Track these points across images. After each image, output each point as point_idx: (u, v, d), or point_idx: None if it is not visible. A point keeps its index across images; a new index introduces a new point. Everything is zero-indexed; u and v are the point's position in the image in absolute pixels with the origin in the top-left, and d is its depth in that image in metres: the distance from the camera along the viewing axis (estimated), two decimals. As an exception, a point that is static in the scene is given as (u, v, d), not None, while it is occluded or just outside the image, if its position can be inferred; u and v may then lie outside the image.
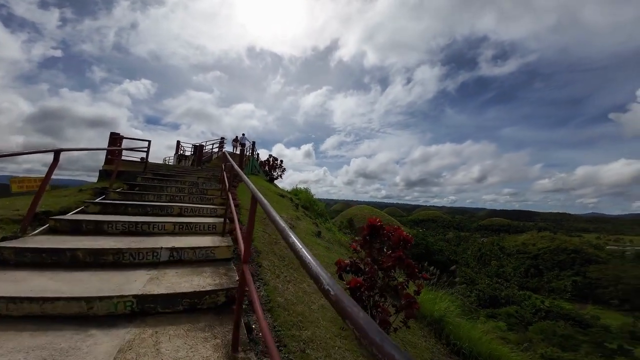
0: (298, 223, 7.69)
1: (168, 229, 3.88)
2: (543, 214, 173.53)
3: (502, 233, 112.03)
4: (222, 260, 3.37)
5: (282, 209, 8.30)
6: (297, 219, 7.99)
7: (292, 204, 9.88)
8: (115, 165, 5.79)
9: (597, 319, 48.00)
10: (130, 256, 3.02)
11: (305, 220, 8.62)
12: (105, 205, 4.36)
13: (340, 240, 9.28)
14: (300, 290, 3.84)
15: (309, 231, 7.74)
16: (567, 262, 75.57)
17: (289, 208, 8.93)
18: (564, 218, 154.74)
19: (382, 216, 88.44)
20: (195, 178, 7.24)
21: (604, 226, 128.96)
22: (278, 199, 9.16)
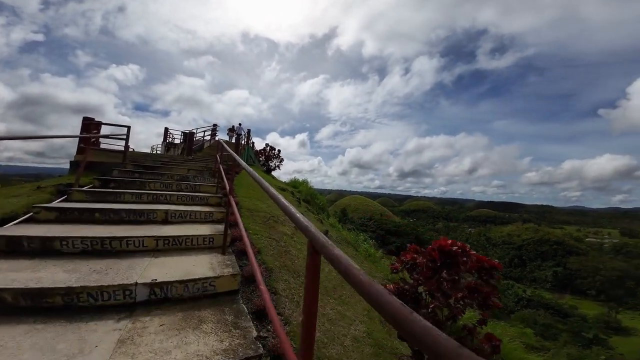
0: None
1: (149, 245, 2.88)
2: (528, 206, 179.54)
3: (488, 224, 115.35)
4: (225, 294, 2.43)
5: None
6: (302, 216, 7.08)
7: (294, 198, 8.93)
8: (83, 156, 4.61)
9: (575, 308, 50.40)
10: (89, 297, 2.04)
11: (309, 217, 7.73)
12: (63, 210, 3.27)
13: (346, 238, 8.48)
14: (325, 318, 3.04)
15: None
16: (549, 253, 78.65)
17: (292, 203, 7.97)
18: (548, 210, 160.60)
19: (375, 206, 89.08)
20: (185, 170, 6.15)
21: (584, 219, 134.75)
22: (279, 194, 8.18)
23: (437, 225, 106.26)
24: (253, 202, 5.85)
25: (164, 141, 14.57)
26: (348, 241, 8.30)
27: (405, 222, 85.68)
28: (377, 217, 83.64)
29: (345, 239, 8.29)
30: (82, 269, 2.35)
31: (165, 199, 4.30)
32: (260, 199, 6.37)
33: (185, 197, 4.40)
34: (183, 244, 3.01)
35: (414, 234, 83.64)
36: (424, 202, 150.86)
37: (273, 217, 5.53)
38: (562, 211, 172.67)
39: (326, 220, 9.42)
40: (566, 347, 31.83)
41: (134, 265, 2.50)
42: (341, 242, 7.57)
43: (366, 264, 7.12)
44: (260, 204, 5.90)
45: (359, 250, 8.13)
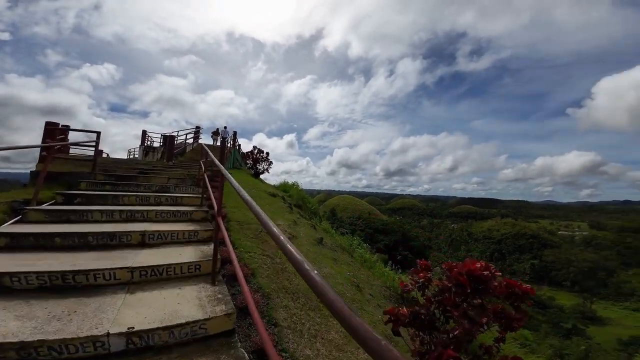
0: (297, 230, 6.42)
1: (122, 278, 2.41)
2: (505, 201, 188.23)
3: (470, 219, 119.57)
4: (219, 336, 2.04)
5: (277, 212, 6.96)
6: (295, 223, 6.72)
7: (285, 204, 8.52)
8: (44, 165, 3.97)
9: (553, 299, 53.18)
10: (51, 351, 1.60)
11: (302, 224, 7.37)
12: (15, 236, 2.71)
13: (342, 244, 8.19)
14: (335, 349, 2.75)
15: (311, 239, 6.54)
16: (526, 246, 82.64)
17: (284, 210, 7.59)
18: (523, 205, 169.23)
19: (363, 205, 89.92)
20: (165, 179, 5.59)
21: (556, 213, 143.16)
22: (270, 200, 7.75)
23: (422, 222, 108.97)
24: (243, 213, 5.41)
25: (142, 145, 13.63)
26: (343, 247, 8.02)
27: (392, 220, 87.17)
28: (365, 216, 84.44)
29: (340, 245, 8.00)
30: (38, 314, 1.88)
31: (142, 216, 3.78)
32: (250, 208, 5.95)
33: (166, 213, 3.90)
34: (164, 274, 2.57)
35: (401, 232, 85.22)
36: (409, 200, 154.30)
37: (265, 228, 5.14)
38: (536, 206, 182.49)
39: (319, 226, 9.09)
40: (548, 338, 33.46)
41: (104, 306, 2.05)
42: (336, 249, 7.27)
43: (363, 270, 6.86)
44: (250, 215, 5.47)
45: (354, 256, 7.86)
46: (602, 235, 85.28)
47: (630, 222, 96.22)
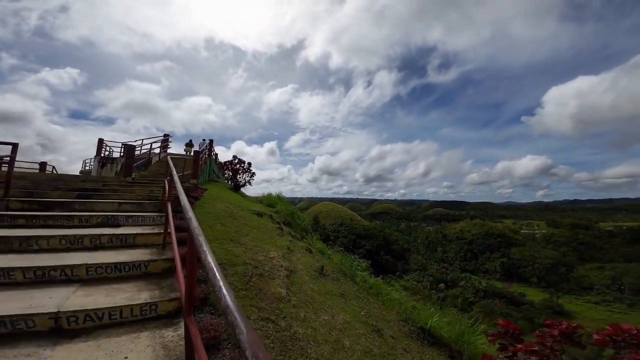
0: (293, 260, 5.17)
1: None
2: (472, 203, 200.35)
3: (443, 221, 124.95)
4: None
5: (267, 236, 5.65)
6: (289, 251, 5.46)
7: (274, 224, 7.20)
8: None
9: (523, 295, 56.30)
10: None
11: (297, 248, 6.13)
12: None
13: (342, 269, 7.04)
14: None
15: (310, 269, 5.34)
16: (495, 245, 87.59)
17: (273, 233, 6.28)
18: (488, 207, 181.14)
19: (345, 211, 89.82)
20: (115, 205, 4.07)
21: (517, 213, 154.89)
22: (257, 222, 6.40)
23: (401, 226, 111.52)
24: (225, 246, 4.07)
25: (98, 155, 11.47)
26: (344, 272, 6.88)
27: (373, 226, 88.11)
28: (347, 223, 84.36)
29: (340, 270, 6.86)
30: None
31: (65, 274, 2.35)
32: (235, 235, 4.59)
33: (105, 267, 2.49)
34: None
35: (382, 236, 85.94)
36: (387, 204, 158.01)
37: (256, 267, 3.85)
38: (499, 207, 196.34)
39: (313, 245, 7.87)
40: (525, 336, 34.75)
41: None
42: (339, 277, 6.12)
43: (372, 301, 5.77)
44: (235, 248, 4.14)
45: (357, 281, 6.76)
46: (558, 233, 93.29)
47: (580, 220, 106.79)
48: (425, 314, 5.48)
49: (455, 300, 49.47)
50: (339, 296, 4.88)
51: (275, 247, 5.12)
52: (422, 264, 79.13)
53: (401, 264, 78.50)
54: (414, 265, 78.04)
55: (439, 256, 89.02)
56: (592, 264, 70.81)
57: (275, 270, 4.12)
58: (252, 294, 3.16)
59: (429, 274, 67.48)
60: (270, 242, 5.30)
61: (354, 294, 5.61)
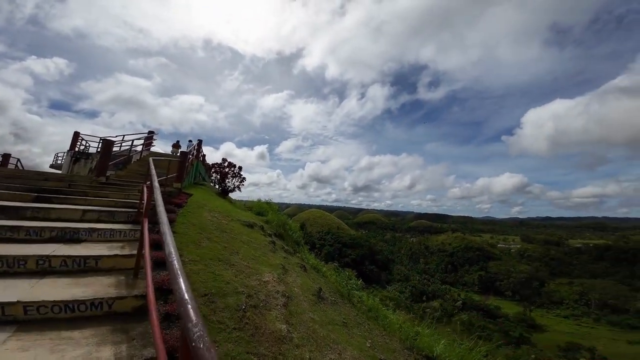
0: (289, 282, 4.57)
1: None
2: (453, 216, 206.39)
3: (426, 233, 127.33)
4: None
5: (259, 253, 5.01)
6: (284, 270, 4.85)
7: (265, 237, 6.55)
8: None
9: (499, 308, 57.74)
10: None
11: (291, 266, 5.51)
12: None
13: (337, 288, 6.47)
14: None
15: (308, 293, 4.77)
16: (474, 258, 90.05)
17: (266, 248, 5.63)
18: (468, 220, 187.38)
19: (332, 219, 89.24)
20: (79, 214, 3.32)
21: (494, 227, 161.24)
22: (247, 235, 5.73)
23: (386, 237, 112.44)
24: (213, 269, 3.42)
25: (71, 150, 10.28)
26: (340, 292, 6.34)
27: (359, 235, 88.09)
28: (334, 231, 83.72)
29: (337, 291, 6.31)
30: None
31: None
32: (224, 253, 3.93)
33: (53, 306, 1.82)
34: None
35: (367, 246, 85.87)
36: (373, 214, 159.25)
37: (250, 296, 3.23)
38: (478, 221, 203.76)
39: (307, 261, 7.26)
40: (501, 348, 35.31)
41: None
42: (337, 300, 5.57)
43: (372, 326, 5.28)
44: (225, 271, 3.50)
45: (354, 302, 6.24)
46: (531, 248, 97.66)
47: (552, 236, 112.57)
48: (429, 339, 5.13)
49: (436, 312, 49.92)
50: (341, 326, 4.33)
51: (269, 267, 4.50)
52: (405, 274, 79.74)
53: (385, 274, 78.65)
54: (397, 276, 78.44)
55: (421, 267, 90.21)
56: (562, 279, 74.30)
57: (272, 299, 3.51)
58: (247, 335, 2.54)
59: (411, 285, 68.00)
60: (263, 261, 4.68)
61: (354, 320, 5.08)
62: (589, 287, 66.96)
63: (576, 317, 59.56)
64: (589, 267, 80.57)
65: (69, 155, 10.36)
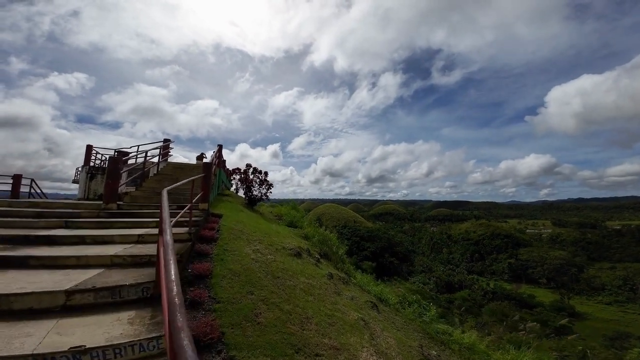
0: (383, 346, 3.34)
1: None
2: (476, 203, 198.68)
3: (447, 222, 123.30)
4: None
5: (327, 302, 3.83)
6: (366, 325, 3.67)
7: (319, 268, 5.36)
8: None
9: (533, 297, 54.68)
10: None
11: (366, 310, 4.30)
12: None
13: (427, 331, 5.13)
14: None
15: (409, 355, 3.54)
16: (502, 246, 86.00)
17: (329, 289, 4.42)
18: (492, 206, 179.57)
19: (347, 213, 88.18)
20: (60, 300, 2.20)
21: (521, 212, 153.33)
22: (302, 271, 4.54)
23: (405, 227, 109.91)
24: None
25: (86, 165, 9.61)
26: (432, 336, 5.04)
27: (377, 227, 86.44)
28: (350, 225, 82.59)
29: (426, 333, 5.02)
30: None
31: None
32: (292, 329, 2.73)
33: None
34: None
35: (386, 238, 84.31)
36: (390, 205, 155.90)
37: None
38: (503, 206, 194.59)
39: (361, 283, 6.06)
40: (543, 340, 33.16)
41: None
42: (436, 348, 4.32)
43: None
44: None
45: (453, 348, 4.92)
46: (565, 232, 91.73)
47: (586, 219, 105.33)
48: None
49: (464, 303, 48.03)
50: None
51: (351, 330, 3.29)
52: (427, 265, 77.55)
53: (406, 266, 76.85)
54: (419, 267, 76.40)
55: (445, 257, 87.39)
56: (602, 264, 69.39)
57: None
58: None
59: (436, 276, 65.91)
60: (340, 319, 3.47)
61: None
62: (634, 271, 61.97)
63: (620, 303, 55.44)
64: (631, 250, 74.67)
65: (84, 171, 9.65)
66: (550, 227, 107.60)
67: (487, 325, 34.07)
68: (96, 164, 10.62)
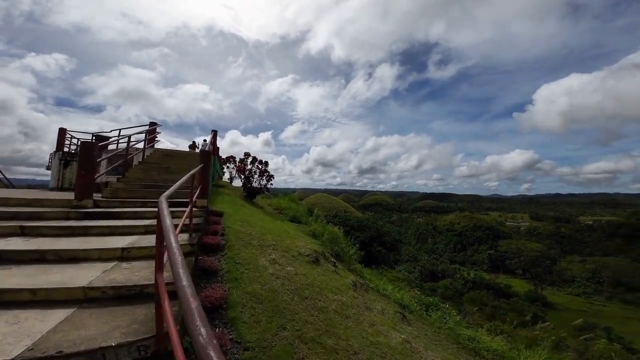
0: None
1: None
2: (460, 195, 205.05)
3: (433, 213, 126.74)
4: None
5: (361, 319, 3.22)
6: (408, 345, 3.09)
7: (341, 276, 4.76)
8: None
9: (509, 287, 57.78)
10: None
11: (396, 321, 3.77)
12: None
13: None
14: None
15: None
16: (483, 237, 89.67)
17: (360, 305, 3.85)
18: (475, 199, 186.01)
19: (338, 203, 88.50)
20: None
21: (502, 205, 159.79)
22: (327, 285, 3.91)
23: (393, 218, 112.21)
24: None
25: (58, 152, 8.38)
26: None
27: (367, 217, 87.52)
28: (341, 214, 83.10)
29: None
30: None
31: None
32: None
33: None
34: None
35: (375, 228, 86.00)
36: (379, 196, 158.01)
37: None
38: (485, 199, 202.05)
39: (378, 287, 5.56)
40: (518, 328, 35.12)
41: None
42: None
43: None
44: None
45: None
46: (541, 226, 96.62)
47: (562, 213, 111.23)
48: None
49: (446, 291, 50.12)
50: None
51: (401, 357, 2.70)
52: (413, 255, 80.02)
53: (393, 255, 78.93)
54: (405, 256, 78.71)
55: (430, 247, 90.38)
56: (573, 257, 73.89)
57: None
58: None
59: (420, 265, 68.21)
60: (384, 342, 2.88)
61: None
62: (602, 265, 66.48)
63: (588, 295, 59.66)
64: (601, 245, 79.86)
65: (57, 157, 8.34)
66: (528, 220, 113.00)
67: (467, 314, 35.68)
68: (71, 150, 9.37)
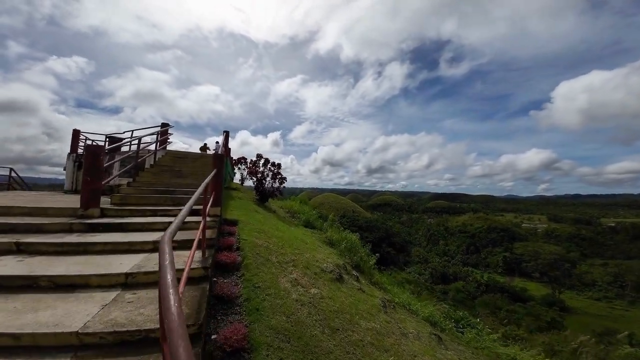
0: None
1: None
2: (473, 196, 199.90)
3: (444, 214, 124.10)
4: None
5: (402, 351, 2.80)
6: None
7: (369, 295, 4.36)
8: None
9: (525, 290, 55.74)
10: None
11: (431, 345, 3.35)
12: None
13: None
14: None
15: None
16: (497, 239, 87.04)
17: (396, 332, 3.44)
18: (489, 200, 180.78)
19: (346, 203, 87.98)
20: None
21: (518, 206, 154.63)
22: (356, 309, 3.55)
23: (402, 218, 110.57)
24: None
25: (72, 153, 8.35)
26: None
27: (376, 217, 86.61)
28: (349, 215, 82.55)
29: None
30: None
31: None
32: None
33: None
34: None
35: (384, 228, 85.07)
36: (388, 196, 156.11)
37: None
38: (500, 200, 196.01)
39: (405, 303, 5.13)
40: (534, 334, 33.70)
41: None
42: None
43: None
44: None
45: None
46: (560, 228, 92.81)
47: (582, 215, 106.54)
48: None
49: (458, 294, 48.81)
50: None
51: None
52: (423, 256, 78.51)
53: (403, 256, 77.68)
54: (415, 258, 77.30)
55: (441, 249, 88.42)
56: (594, 260, 70.64)
57: None
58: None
59: (431, 267, 66.80)
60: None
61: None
62: (624, 268, 63.22)
63: (609, 299, 56.89)
64: (623, 247, 76.00)
65: (71, 159, 8.31)
66: (546, 222, 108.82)
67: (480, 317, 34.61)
68: (81, 152, 9.37)
